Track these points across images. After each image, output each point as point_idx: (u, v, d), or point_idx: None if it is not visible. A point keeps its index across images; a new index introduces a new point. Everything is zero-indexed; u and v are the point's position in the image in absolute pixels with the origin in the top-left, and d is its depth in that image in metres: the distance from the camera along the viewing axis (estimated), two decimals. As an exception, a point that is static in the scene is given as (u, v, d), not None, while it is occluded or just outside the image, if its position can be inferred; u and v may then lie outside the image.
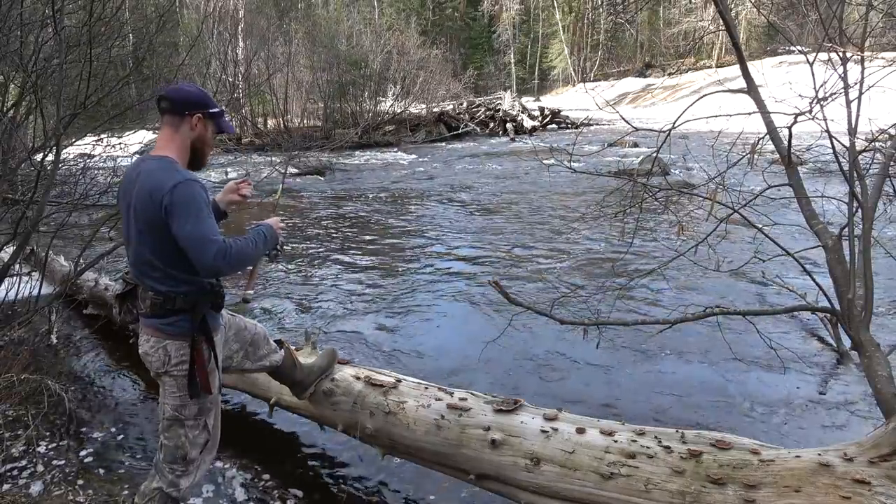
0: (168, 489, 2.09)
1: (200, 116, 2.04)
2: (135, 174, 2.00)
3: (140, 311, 2.06)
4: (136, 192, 1.94)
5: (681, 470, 1.93)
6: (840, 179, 2.86)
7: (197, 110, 2.03)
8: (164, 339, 2.02)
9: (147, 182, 1.92)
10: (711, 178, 3.13)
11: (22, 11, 3.97)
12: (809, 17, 3.66)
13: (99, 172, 5.11)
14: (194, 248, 1.87)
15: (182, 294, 2.00)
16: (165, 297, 1.99)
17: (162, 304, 1.99)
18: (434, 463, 2.49)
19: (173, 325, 2.01)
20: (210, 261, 1.86)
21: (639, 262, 6.12)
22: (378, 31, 25.04)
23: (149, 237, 1.95)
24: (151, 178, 1.92)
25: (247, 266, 2.13)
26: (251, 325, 2.48)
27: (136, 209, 1.94)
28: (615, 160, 10.12)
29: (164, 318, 2.01)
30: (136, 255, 2.00)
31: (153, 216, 1.90)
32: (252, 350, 2.46)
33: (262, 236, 2.10)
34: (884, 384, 2.40)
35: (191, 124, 2.03)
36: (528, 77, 52.15)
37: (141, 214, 1.93)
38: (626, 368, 4.16)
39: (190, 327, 2.01)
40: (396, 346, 4.69)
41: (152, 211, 1.89)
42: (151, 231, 1.93)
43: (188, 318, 2.01)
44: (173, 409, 2.07)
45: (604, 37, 49.66)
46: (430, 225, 9.04)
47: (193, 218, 1.86)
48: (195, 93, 2.07)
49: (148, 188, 1.91)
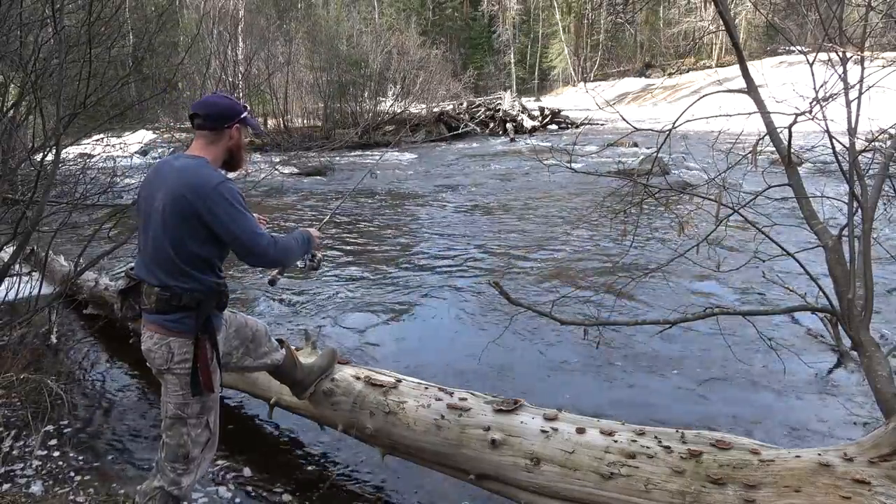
0: (170, 488, 2.10)
1: (238, 126, 2.12)
2: (167, 169, 2.05)
3: (144, 307, 2.07)
4: (171, 186, 1.98)
5: (681, 470, 1.93)
6: (840, 179, 2.86)
7: (233, 121, 2.11)
8: (168, 337, 2.03)
9: (186, 177, 1.98)
10: (711, 178, 3.13)
11: (22, 11, 3.97)
12: (809, 18, 3.66)
13: (99, 172, 5.11)
14: (246, 240, 1.98)
15: (189, 291, 2.02)
16: (172, 293, 2.01)
17: (168, 301, 2.01)
18: (434, 463, 2.49)
19: (178, 322, 2.03)
20: (262, 249, 2.00)
21: (639, 263, 6.12)
22: (378, 30, 25.05)
23: (175, 231, 1.98)
24: (192, 174, 1.99)
25: (289, 260, 2.25)
26: (252, 322, 2.48)
27: (168, 203, 1.97)
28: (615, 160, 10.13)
29: (169, 315, 2.02)
30: (154, 248, 2.02)
31: (188, 211, 1.94)
32: (253, 347, 2.46)
33: (304, 237, 2.26)
34: (884, 384, 2.40)
35: (230, 135, 2.12)
36: (528, 77, 52.11)
37: (173, 207, 1.96)
38: (626, 368, 4.16)
39: (194, 325, 2.03)
40: (396, 346, 4.69)
41: (188, 206, 1.94)
42: (181, 225, 1.96)
43: (193, 316, 2.03)
44: (176, 408, 2.08)
45: (604, 37, 49.63)
46: (430, 225, 9.04)
47: (240, 214, 1.97)
48: (226, 104, 2.14)
49: (188, 183, 1.96)
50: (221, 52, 18.08)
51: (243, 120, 2.13)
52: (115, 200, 4.67)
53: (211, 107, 2.11)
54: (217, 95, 2.25)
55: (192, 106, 2.13)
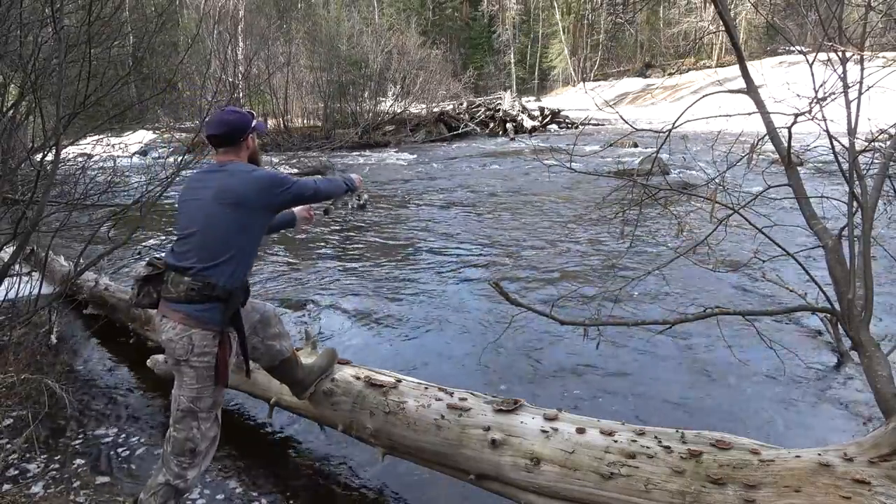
0: (175, 481, 2.12)
1: (252, 135, 2.31)
2: (211, 173, 2.24)
3: (168, 295, 2.10)
4: (222, 180, 2.16)
5: (681, 470, 1.93)
6: (840, 179, 2.86)
7: (247, 133, 2.29)
8: (191, 328, 2.06)
9: (231, 169, 2.19)
10: (711, 178, 3.13)
11: (21, 11, 3.97)
12: (809, 18, 3.66)
13: (99, 172, 5.10)
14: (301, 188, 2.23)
15: (222, 284, 2.07)
16: (205, 283, 2.05)
17: (200, 290, 2.06)
18: (434, 463, 2.49)
19: (205, 311, 2.07)
20: (314, 185, 2.30)
21: (639, 263, 6.12)
22: (378, 31, 25.04)
23: (223, 218, 2.09)
24: (236, 168, 2.20)
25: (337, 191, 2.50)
26: (259, 305, 2.49)
27: (219, 194, 2.12)
28: (615, 160, 10.12)
29: (198, 305, 2.06)
30: (201, 234, 2.11)
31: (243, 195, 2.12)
32: (261, 327, 2.46)
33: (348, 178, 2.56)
34: (884, 384, 2.40)
35: (247, 145, 2.31)
36: (528, 77, 52.14)
37: (224, 198, 2.12)
38: (625, 368, 4.16)
39: (220, 318, 2.09)
40: (396, 346, 4.69)
41: (239, 195, 2.12)
42: (231, 213, 2.10)
43: (220, 309, 2.08)
44: (189, 401, 2.10)
45: (603, 37, 49.64)
46: (430, 225, 9.04)
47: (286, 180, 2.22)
48: (236, 119, 2.28)
49: (234, 175, 2.16)
50: (221, 52, 18.06)
51: (255, 128, 2.30)
52: (115, 200, 4.66)
53: (224, 125, 2.25)
54: (226, 112, 2.33)
55: (206, 127, 2.31)
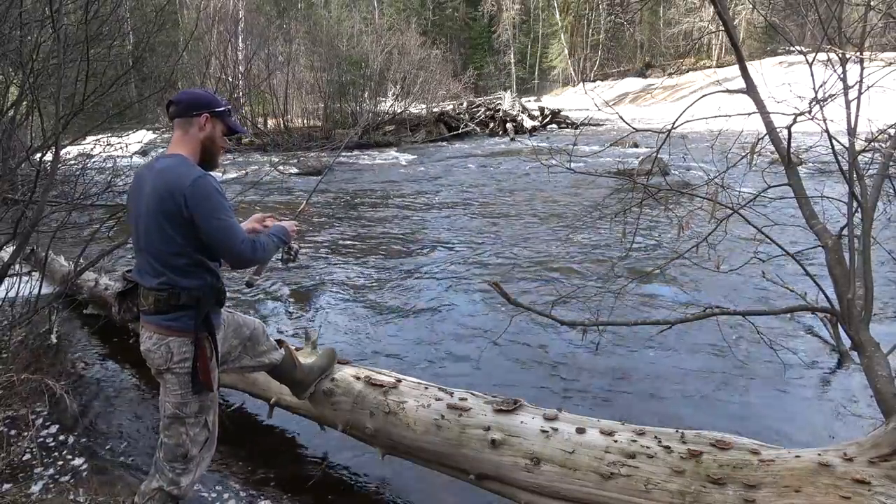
0: (169, 487, 2.10)
1: (208, 116, 2.10)
2: (149, 172, 2.05)
3: (142, 309, 2.07)
4: (153, 187, 1.99)
5: (681, 470, 1.93)
6: (840, 179, 2.86)
7: (204, 110, 2.09)
8: (167, 336, 2.03)
9: (165, 176, 1.98)
10: (711, 178, 3.13)
11: (21, 11, 3.97)
12: (809, 18, 3.66)
13: (98, 172, 5.10)
14: (223, 238, 1.96)
15: (187, 290, 2.02)
16: (170, 293, 2.00)
17: (166, 301, 2.01)
18: (434, 463, 2.49)
19: (177, 321, 2.03)
20: (238, 249, 1.98)
21: (639, 263, 6.12)
22: (378, 30, 25.04)
23: (163, 231, 1.97)
24: (170, 173, 1.98)
25: (269, 258, 2.24)
26: (250, 322, 2.48)
27: (152, 203, 1.97)
28: (615, 160, 10.13)
29: (167, 315, 2.02)
30: (148, 250, 2.02)
31: (172, 209, 1.94)
32: (251, 345, 2.46)
33: (280, 230, 2.26)
34: (884, 384, 2.40)
35: (199, 124, 2.09)
36: (528, 77, 52.11)
37: (157, 207, 1.96)
38: (625, 368, 4.16)
39: (193, 324, 2.03)
40: (396, 346, 4.69)
41: (171, 204, 1.93)
42: (168, 224, 1.96)
43: (192, 315, 2.03)
44: (174, 407, 2.08)
45: (603, 37, 49.63)
46: (430, 225, 9.04)
47: (218, 210, 1.95)
48: (201, 94, 2.16)
49: (166, 182, 1.96)
50: (221, 52, 18.07)
51: (217, 113, 2.11)
52: (115, 200, 4.66)
53: (185, 94, 2.13)
54: (200, 88, 2.25)
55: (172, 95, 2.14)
